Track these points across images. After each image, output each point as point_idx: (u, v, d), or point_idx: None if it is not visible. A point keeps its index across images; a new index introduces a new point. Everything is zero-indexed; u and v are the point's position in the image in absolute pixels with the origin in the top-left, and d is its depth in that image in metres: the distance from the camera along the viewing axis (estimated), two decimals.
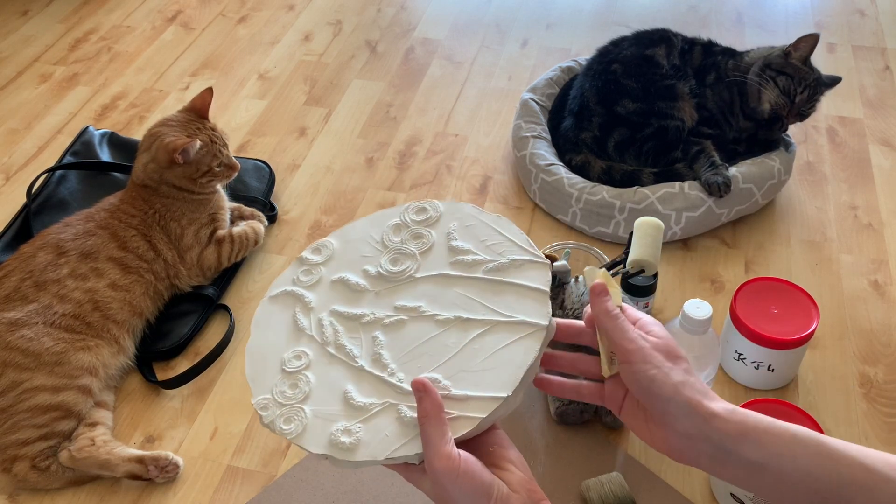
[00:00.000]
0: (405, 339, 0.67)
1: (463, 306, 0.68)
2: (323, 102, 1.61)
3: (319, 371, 0.67)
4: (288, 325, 0.71)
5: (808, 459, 0.55)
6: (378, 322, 0.69)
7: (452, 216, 0.75)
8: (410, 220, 0.75)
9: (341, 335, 0.69)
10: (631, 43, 1.39)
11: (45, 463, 0.98)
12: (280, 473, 1.00)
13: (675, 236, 1.27)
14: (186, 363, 1.14)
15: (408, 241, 0.74)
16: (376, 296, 0.70)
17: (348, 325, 0.69)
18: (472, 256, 0.71)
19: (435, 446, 0.58)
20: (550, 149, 1.36)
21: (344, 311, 0.70)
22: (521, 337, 0.65)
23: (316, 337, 0.69)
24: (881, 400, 1.05)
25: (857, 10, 1.82)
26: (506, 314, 0.66)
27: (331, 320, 0.70)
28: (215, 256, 1.20)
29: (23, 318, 1.02)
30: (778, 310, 1.02)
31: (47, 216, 1.28)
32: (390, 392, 0.64)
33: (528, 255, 0.70)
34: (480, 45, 1.76)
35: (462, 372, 0.63)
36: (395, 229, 0.75)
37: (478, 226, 0.73)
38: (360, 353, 0.67)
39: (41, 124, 1.58)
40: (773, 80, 1.27)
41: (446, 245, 0.73)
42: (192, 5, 1.94)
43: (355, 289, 0.71)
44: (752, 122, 1.31)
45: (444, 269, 0.71)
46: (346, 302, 0.71)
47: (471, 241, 0.72)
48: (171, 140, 1.13)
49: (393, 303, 0.69)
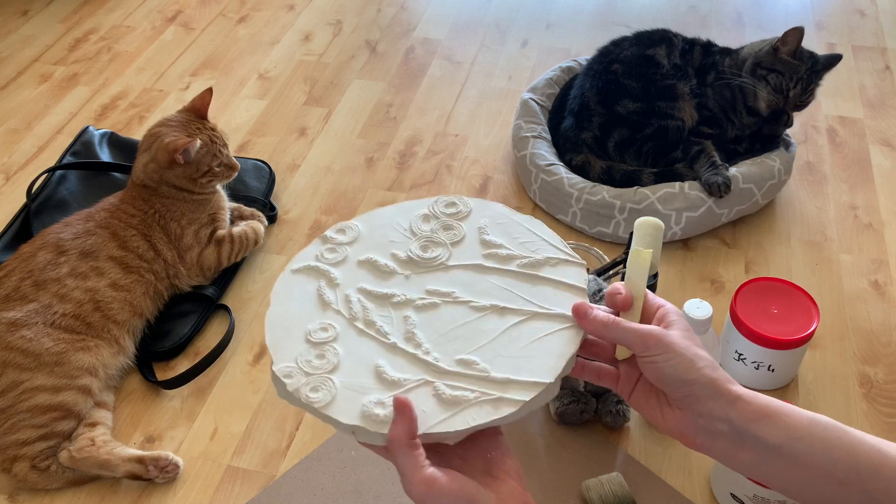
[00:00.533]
0: (439, 321, 0.66)
1: (499, 296, 0.67)
2: (323, 102, 1.61)
3: (348, 344, 0.65)
4: (312, 297, 0.68)
5: (827, 444, 0.55)
6: (410, 303, 0.67)
7: (483, 213, 0.74)
8: (440, 212, 0.74)
9: (371, 312, 0.67)
10: (632, 43, 1.39)
11: (45, 463, 0.98)
12: (280, 473, 1.00)
13: (675, 236, 1.27)
14: (186, 363, 1.14)
15: (438, 231, 0.73)
16: (406, 279, 0.69)
17: (378, 302, 0.67)
18: (505, 251, 0.70)
19: (410, 475, 0.57)
20: (550, 149, 1.36)
21: (373, 290, 0.68)
22: (561, 329, 0.64)
23: (343, 312, 0.67)
24: (881, 400, 1.05)
25: (857, 10, 1.82)
26: (544, 306, 0.66)
27: (359, 297, 0.68)
28: (215, 256, 1.20)
29: (23, 318, 1.02)
30: (778, 310, 1.02)
31: (47, 216, 1.28)
32: (426, 369, 0.62)
33: (563, 255, 0.70)
34: (480, 45, 1.76)
35: (500, 357, 0.62)
36: (423, 219, 0.74)
37: (510, 224, 0.73)
38: (392, 330, 0.65)
39: (41, 124, 1.58)
40: (764, 78, 1.27)
41: (478, 238, 0.72)
42: (192, 5, 1.94)
43: (384, 269, 0.70)
44: (755, 118, 1.31)
45: (478, 260, 0.70)
46: (374, 281, 0.69)
47: (503, 237, 0.72)
48: (172, 140, 1.13)
49: (424, 286, 0.68)
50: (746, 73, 1.29)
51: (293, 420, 1.06)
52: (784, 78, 1.27)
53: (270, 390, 1.10)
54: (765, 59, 1.29)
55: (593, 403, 1.01)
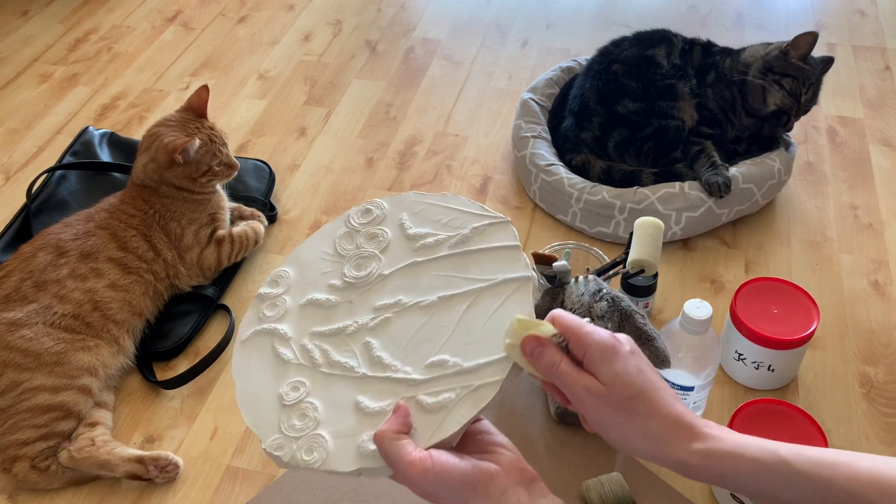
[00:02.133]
0: (397, 334, 0.66)
1: (441, 286, 0.67)
2: (323, 102, 1.61)
3: (322, 394, 0.65)
4: (271, 362, 0.68)
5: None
6: (364, 328, 0.67)
7: (399, 208, 0.74)
8: (358, 224, 0.74)
9: (331, 352, 0.67)
10: (632, 43, 1.39)
11: (45, 463, 0.98)
12: (280, 473, 1.00)
13: (675, 236, 1.27)
14: (186, 363, 1.14)
15: (364, 245, 0.73)
16: (351, 304, 0.69)
17: (334, 341, 0.68)
18: (432, 238, 0.70)
19: (398, 459, 0.57)
20: (550, 149, 1.36)
21: (324, 330, 0.68)
22: (510, 294, 0.64)
23: (305, 363, 0.67)
24: (881, 400, 1.05)
25: (857, 10, 1.82)
26: (486, 278, 0.66)
27: (314, 343, 0.68)
28: (215, 256, 1.20)
29: (23, 319, 1.02)
30: (778, 310, 1.02)
31: (47, 216, 1.28)
32: (402, 387, 0.63)
33: (486, 220, 0.69)
34: (480, 45, 1.76)
35: (465, 346, 0.63)
36: (346, 237, 0.74)
37: (427, 209, 0.72)
38: (357, 362, 0.66)
39: (41, 124, 1.58)
40: (777, 83, 1.27)
41: (403, 236, 0.71)
42: (192, 5, 1.94)
43: (327, 305, 0.70)
44: (754, 119, 1.31)
45: (410, 259, 0.70)
46: (322, 320, 0.69)
47: (426, 224, 0.71)
48: (171, 140, 1.13)
49: (371, 305, 0.68)
50: (755, 74, 1.29)
51: None
52: (798, 83, 1.27)
53: None
54: (776, 63, 1.28)
55: None
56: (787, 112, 1.28)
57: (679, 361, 0.92)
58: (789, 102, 1.27)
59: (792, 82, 1.27)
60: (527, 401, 1.05)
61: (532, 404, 1.04)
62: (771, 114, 1.29)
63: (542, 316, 0.97)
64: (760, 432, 0.88)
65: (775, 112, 1.29)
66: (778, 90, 1.27)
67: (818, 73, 1.28)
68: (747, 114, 1.31)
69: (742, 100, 1.31)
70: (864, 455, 0.59)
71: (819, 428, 0.88)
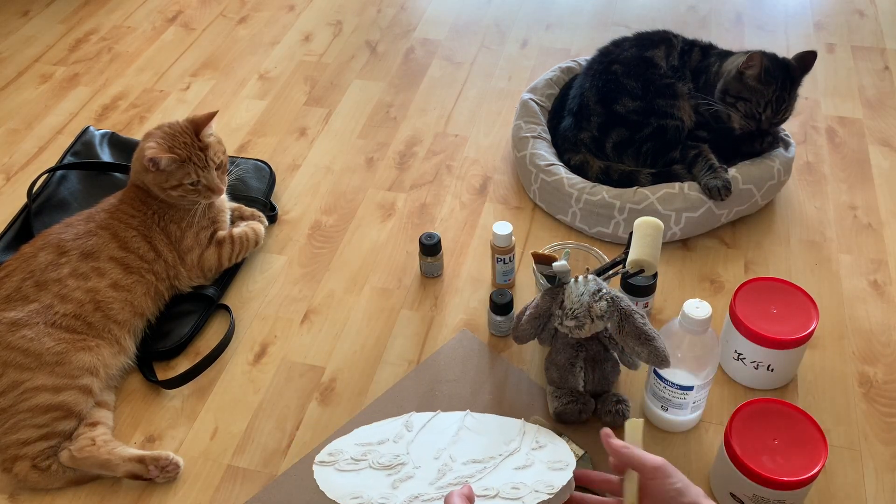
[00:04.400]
0: None
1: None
2: (323, 103, 1.61)
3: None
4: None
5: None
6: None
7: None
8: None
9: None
10: (632, 44, 1.39)
11: (46, 463, 0.98)
12: (280, 473, 1.00)
13: (674, 237, 1.27)
14: (187, 363, 1.14)
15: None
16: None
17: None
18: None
19: None
20: (550, 149, 1.36)
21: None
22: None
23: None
24: (881, 400, 1.05)
25: (857, 11, 1.82)
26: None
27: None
28: (216, 257, 1.20)
29: (24, 318, 1.02)
30: (777, 310, 1.02)
31: (48, 216, 1.29)
32: None
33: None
34: (480, 46, 1.76)
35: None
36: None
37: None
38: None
39: (42, 124, 1.59)
40: (733, 105, 1.26)
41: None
42: (193, 6, 1.94)
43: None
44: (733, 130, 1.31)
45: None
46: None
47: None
48: (147, 146, 1.13)
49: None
50: (718, 98, 1.29)
51: (293, 419, 1.06)
52: (752, 104, 1.25)
53: (270, 390, 1.10)
54: (732, 85, 1.27)
55: (592, 403, 1.01)
56: (760, 132, 1.27)
57: (679, 361, 0.93)
58: (746, 124, 1.26)
59: (745, 105, 1.25)
60: (526, 399, 1.05)
61: (532, 403, 1.05)
62: (739, 134, 1.29)
63: (542, 315, 0.97)
64: (760, 432, 0.88)
65: (743, 132, 1.28)
66: (735, 112, 1.26)
67: (778, 87, 1.25)
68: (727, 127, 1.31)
69: (716, 121, 1.30)
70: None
71: (818, 427, 0.88)
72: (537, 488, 0.81)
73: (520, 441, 0.90)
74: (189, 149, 1.14)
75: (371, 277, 1.25)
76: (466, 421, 0.95)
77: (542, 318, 0.97)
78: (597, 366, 1.00)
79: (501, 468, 0.85)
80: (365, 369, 1.12)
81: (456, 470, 0.85)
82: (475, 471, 0.85)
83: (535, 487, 0.81)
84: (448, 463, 0.86)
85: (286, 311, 1.20)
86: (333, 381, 1.11)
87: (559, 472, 0.84)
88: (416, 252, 1.26)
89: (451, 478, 0.84)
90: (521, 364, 1.11)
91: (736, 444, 0.87)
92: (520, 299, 1.20)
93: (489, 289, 1.22)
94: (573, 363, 0.98)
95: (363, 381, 1.10)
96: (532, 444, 0.90)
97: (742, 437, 0.87)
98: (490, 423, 0.95)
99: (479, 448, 0.89)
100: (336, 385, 1.10)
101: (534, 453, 0.88)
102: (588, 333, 0.95)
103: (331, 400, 1.08)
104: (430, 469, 0.85)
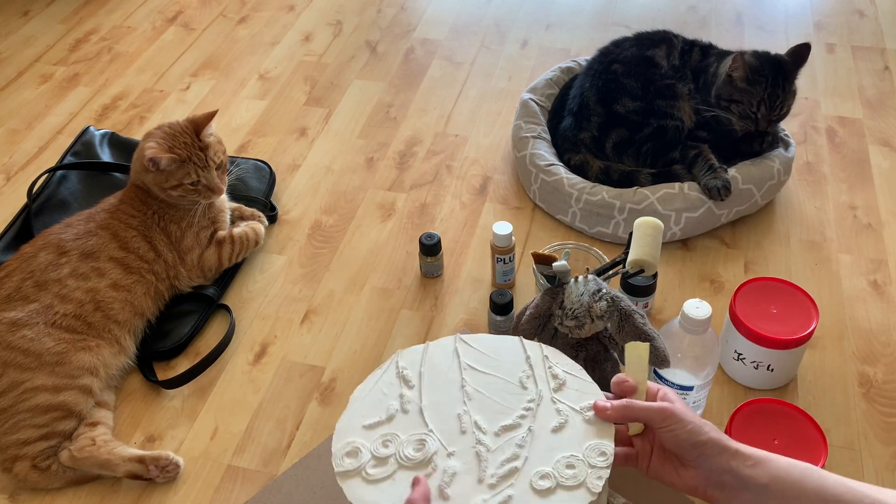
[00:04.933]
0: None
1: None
2: (323, 103, 1.61)
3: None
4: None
5: (802, 478, 0.67)
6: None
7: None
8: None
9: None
10: (632, 43, 1.39)
11: (46, 463, 0.98)
12: (280, 473, 1.00)
13: (674, 237, 1.27)
14: (187, 363, 1.14)
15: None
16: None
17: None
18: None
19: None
20: (550, 149, 1.36)
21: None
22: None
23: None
24: (881, 400, 1.05)
25: (857, 11, 1.82)
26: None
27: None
28: (216, 257, 1.20)
29: (24, 318, 1.02)
30: (777, 310, 1.02)
31: (48, 216, 1.29)
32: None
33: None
34: (480, 46, 1.76)
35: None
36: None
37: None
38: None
39: (42, 124, 1.59)
40: (727, 108, 1.27)
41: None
42: (193, 6, 1.94)
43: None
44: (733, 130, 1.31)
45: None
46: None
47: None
48: (147, 146, 1.13)
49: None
50: (714, 102, 1.29)
51: (293, 419, 1.06)
52: (744, 105, 1.26)
53: (270, 390, 1.10)
54: (723, 89, 1.28)
55: None
56: (759, 131, 1.27)
57: (679, 361, 0.93)
58: (744, 125, 1.27)
59: (738, 106, 1.26)
60: None
61: None
62: (742, 134, 1.29)
63: (542, 315, 0.97)
64: (759, 432, 0.88)
65: (744, 133, 1.29)
66: (732, 115, 1.27)
67: (769, 84, 1.25)
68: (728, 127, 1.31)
69: (717, 125, 1.31)
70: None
71: (818, 427, 0.88)
72: (591, 461, 0.73)
73: (534, 378, 0.82)
74: (189, 149, 1.15)
75: (371, 277, 1.25)
76: (462, 352, 0.86)
77: (542, 318, 0.97)
78: (597, 366, 0.99)
79: (539, 436, 0.77)
80: (365, 369, 1.12)
81: (494, 451, 0.76)
82: (514, 447, 0.77)
83: (588, 460, 0.73)
84: (480, 438, 0.78)
85: (286, 311, 1.21)
86: (333, 381, 1.11)
87: (595, 425, 0.76)
88: (416, 252, 1.26)
89: (494, 468, 0.75)
90: None
91: None
92: (520, 299, 1.20)
93: (489, 289, 1.22)
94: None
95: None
96: (550, 383, 0.82)
97: (742, 437, 0.87)
98: (488, 350, 0.86)
99: (497, 400, 0.81)
100: (336, 385, 1.10)
101: (560, 399, 0.80)
102: (588, 333, 0.95)
103: (331, 400, 1.08)
104: (466, 454, 0.76)
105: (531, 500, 0.72)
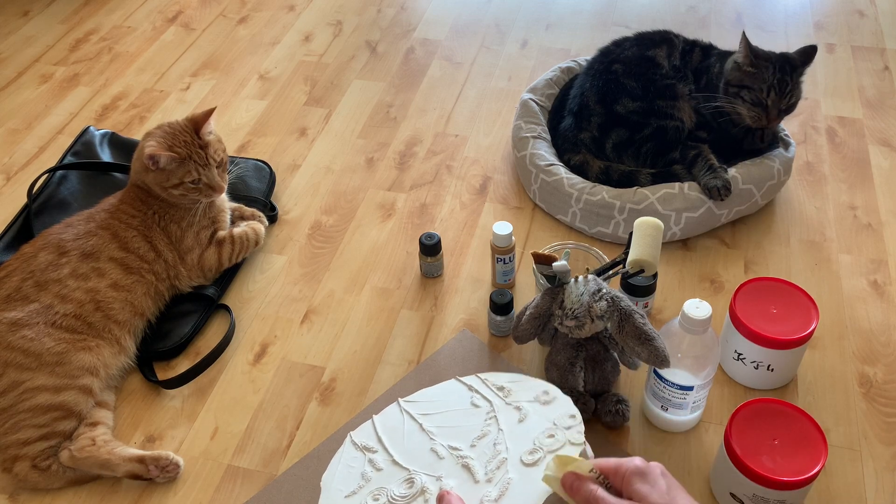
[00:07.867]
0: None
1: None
2: (323, 103, 1.61)
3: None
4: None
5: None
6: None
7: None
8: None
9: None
10: (633, 43, 1.39)
11: (46, 463, 0.98)
12: (280, 473, 1.00)
13: (674, 237, 1.27)
14: (187, 363, 1.14)
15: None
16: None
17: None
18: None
19: None
20: (550, 149, 1.36)
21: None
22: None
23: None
24: (880, 399, 1.05)
25: (857, 11, 1.82)
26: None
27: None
28: (216, 258, 1.20)
29: (24, 318, 1.02)
30: (777, 310, 1.02)
31: (48, 216, 1.29)
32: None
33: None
34: (480, 46, 1.76)
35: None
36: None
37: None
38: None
39: (42, 124, 1.59)
40: (738, 95, 1.26)
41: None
42: (193, 6, 1.94)
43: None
44: (738, 128, 1.31)
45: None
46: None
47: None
48: (147, 144, 1.13)
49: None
50: (721, 94, 1.29)
51: (293, 419, 1.06)
52: (754, 91, 1.25)
53: (270, 390, 1.10)
54: (732, 76, 1.27)
55: (593, 403, 1.01)
56: (768, 124, 1.27)
57: (679, 361, 0.93)
58: (755, 113, 1.26)
59: (749, 92, 1.25)
60: None
61: None
62: (747, 129, 1.29)
63: (542, 315, 0.97)
64: (759, 432, 0.88)
65: (749, 127, 1.29)
66: (742, 104, 1.26)
67: (778, 69, 1.24)
68: (733, 124, 1.31)
69: (721, 118, 1.30)
70: None
71: (818, 427, 0.88)
72: (564, 424, 0.79)
73: (482, 396, 0.87)
74: (189, 147, 1.15)
75: (371, 277, 1.25)
76: (409, 409, 0.89)
77: (542, 318, 0.97)
78: (597, 366, 1.00)
79: (510, 431, 0.81)
80: (365, 369, 1.12)
81: (477, 457, 0.80)
82: (492, 448, 0.80)
83: (562, 425, 0.79)
84: (460, 454, 0.81)
85: (286, 311, 1.21)
86: (333, 381, 1.11)
87: (554, 403, 0.82)
88: (416, 252, 1.26)
89: (483, 468, 0.79)
90: (521, 364, 1.11)
91: (736, 445, 0.87)
92: (520, 299, 1.20)
93: (489, 289, 1.22)
94: (573, 363, 0.98)
95: (363, 381, 1.10)
96: (498, 394, 0.86)
97: (742, 437, 0.87)
98: (430, 398, 0.90)
99: (460, 424, 0.84)
100: (336, 385, 1.10)
101: (512, 401, 0.85)
102: (588, 333, 0.95)
103: (331, 400, 1.08)
104: (454, 470, 0.80)
105: (530, 473, 0.76)
